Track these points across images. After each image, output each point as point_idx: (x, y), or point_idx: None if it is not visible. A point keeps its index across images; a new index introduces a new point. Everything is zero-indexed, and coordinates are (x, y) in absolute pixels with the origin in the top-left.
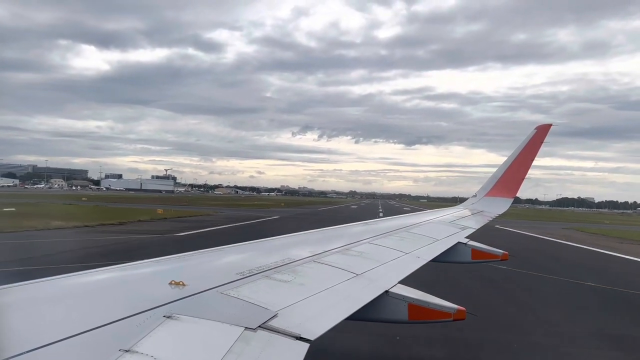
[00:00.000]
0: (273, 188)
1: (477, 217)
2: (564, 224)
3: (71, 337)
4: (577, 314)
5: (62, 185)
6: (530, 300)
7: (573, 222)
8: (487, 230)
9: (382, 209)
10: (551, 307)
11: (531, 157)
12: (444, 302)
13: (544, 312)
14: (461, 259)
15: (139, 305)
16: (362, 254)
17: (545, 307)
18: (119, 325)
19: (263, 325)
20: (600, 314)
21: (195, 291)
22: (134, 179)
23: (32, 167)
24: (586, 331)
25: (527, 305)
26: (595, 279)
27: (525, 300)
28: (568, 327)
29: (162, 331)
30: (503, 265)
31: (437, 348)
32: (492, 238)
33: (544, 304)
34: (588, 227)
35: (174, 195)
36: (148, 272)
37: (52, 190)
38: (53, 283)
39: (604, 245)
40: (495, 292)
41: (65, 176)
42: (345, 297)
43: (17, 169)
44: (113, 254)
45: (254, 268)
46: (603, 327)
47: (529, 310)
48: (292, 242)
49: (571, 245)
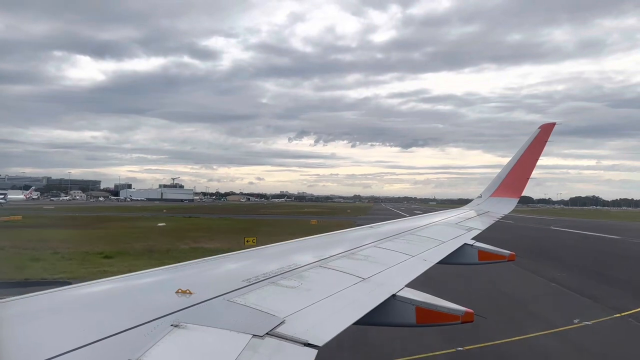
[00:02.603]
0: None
1: (483, 218)
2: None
3: (80, 348)
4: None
5: (82, 196)
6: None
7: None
8: (558, 236)
9: (404, 208)
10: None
11: (536, 157)
12: (452, 305)
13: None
14: (468, 261)
15: (147, 315)
16: (368, 258)
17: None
18: (127, 335)
19: (271, 332)
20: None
21: (202, 299)
22: (154, 189)
23: (46, 179)
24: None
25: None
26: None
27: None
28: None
29: (170, 340)
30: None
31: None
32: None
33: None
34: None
35: (209, 204)
36: (155, 281)
37: (76, 202)
38: (60, 294)
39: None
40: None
41: (82, 187)
42: (352, 301)
43: (31, 181)
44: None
45: (260, 274)
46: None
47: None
48: (298, 247)
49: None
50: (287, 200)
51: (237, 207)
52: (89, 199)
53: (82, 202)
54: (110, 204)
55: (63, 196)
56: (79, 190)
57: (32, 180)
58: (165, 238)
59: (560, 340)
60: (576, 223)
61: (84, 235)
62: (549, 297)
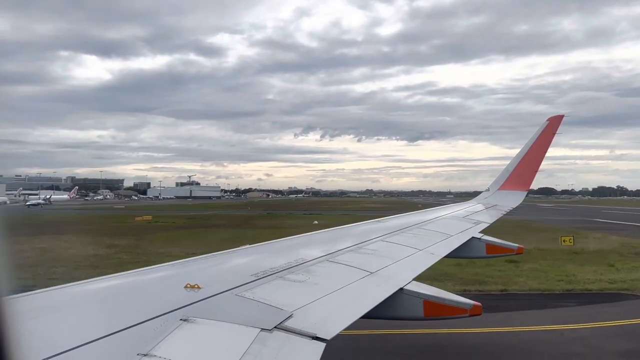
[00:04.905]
0: (297, 190)
1: (490, 211)
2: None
3: (90, 343)
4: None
5: (110, 195)
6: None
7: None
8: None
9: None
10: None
11: (544, 149)
12: (460, 298)
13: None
14: (476, 254)
15: (156, 310)
16: (375, 252)
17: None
18: (136, 329)
19: (279, 326)
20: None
21: (210, 294)
22: (182, 187)
23: (70, 179)
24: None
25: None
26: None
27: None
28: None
29: (179, 334)
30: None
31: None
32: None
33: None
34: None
35: (246, 201)
36: (163, 276)
37: (115, 201)
38: (71, 289)
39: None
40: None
41: (108, 187)
42: (359, 295)
43: (56, 181)
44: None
45: (268, 269)
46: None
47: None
48: (305, 242)
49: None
50: (304, 196)
51: (282, 203)
52: (121, 198)
53: (122, 202)
54: (153, 203)
55: (91, 195)
56: (106, 189)
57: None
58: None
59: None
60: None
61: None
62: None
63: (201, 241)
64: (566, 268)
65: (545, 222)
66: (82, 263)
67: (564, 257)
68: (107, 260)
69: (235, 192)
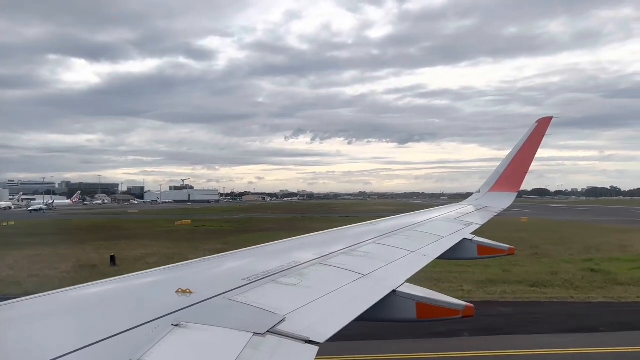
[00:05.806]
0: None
1: (481, 212)
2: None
3: (81, 349)
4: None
5: (108, 200)
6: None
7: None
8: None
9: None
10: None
11: (534, 151)
12: (452, 300)
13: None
14: (467, 255)
15: (147, 315)
16: (367, 254)
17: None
18: (127, 335)
19: (272, 330)
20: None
21: (202, 298)
22: (181, 191)
23: (65, 184)
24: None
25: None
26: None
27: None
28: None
29: (171, 340)
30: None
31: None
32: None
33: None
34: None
35: (247, 205)
36: (155, 281)
37: (115, 206)
38: (62, 295)
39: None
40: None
41: (105, 191)
42: (352, 298)
43: (50, 186)
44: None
45: (260, 272)
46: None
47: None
48: (297, 244)
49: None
50: (300, 199)
51: (288, 206)
52: (119, 202)
53: (123, 206)
54: (155, 207)
55: (89, 199)
56: (103, 194)
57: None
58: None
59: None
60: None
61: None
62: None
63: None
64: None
65: (600, 223)
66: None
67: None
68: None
69: (230, 196)
